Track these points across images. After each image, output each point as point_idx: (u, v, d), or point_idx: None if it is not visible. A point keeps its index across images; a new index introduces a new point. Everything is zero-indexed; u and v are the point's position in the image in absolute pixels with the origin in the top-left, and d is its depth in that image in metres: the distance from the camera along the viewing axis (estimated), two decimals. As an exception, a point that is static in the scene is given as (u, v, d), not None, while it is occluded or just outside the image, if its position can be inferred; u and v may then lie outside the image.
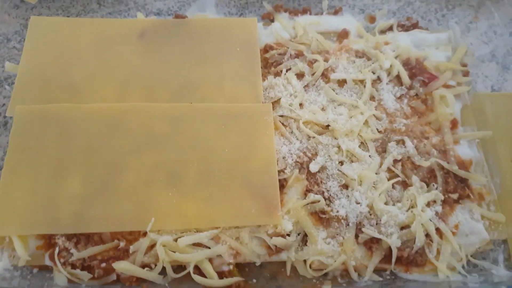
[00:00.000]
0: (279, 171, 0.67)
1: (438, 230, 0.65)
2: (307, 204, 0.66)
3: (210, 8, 0.88)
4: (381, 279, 0.64)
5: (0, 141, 0.74)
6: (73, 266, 0.61)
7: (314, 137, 0.71)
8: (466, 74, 0.82)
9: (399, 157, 0.70)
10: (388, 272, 0.65)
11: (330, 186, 0.67)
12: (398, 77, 0.79)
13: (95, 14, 0.90)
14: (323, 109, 0.74)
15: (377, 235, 0.63)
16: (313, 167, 0.68)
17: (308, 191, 0.67)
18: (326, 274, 0.65)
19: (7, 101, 0.77)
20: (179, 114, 0.70)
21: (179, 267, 0.63)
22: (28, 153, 0.66)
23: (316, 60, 0.78)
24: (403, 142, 0.72)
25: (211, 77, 0.75)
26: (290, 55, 0.79)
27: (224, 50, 0.77)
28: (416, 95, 0.77)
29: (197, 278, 0.60)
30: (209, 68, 0.75)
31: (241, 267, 0.65)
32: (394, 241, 0.63)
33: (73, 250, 0.61)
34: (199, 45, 0.78)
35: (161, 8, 0.90)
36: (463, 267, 0.65)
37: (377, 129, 0.73)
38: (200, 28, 0.79)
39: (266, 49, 0.80)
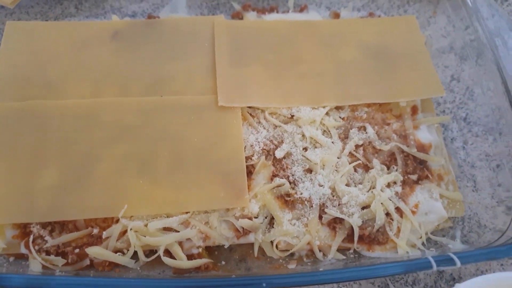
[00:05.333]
0: (246, 158, 0.71)
1: (398, 209, 0.69)
2: (273, 188, 0.69)
3: (182, 10, 0.92)
4: (344, 257, 0.67)
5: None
6: (48, 253, 0.63)
7: (280, 126, 0.75)
8: (425, 64, 0.87)
9: (361, 142, 0.74)
10: (351, 251, 0.68)
11: (294, 171, 0.70)
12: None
13: (73, 18, 0.94)
14: (288, 99, 0.78)
15: (339, 215, 0.67)
16: (279, 153, 0.71)
17: (274, 176, 0.70)
18: (292, 254, 0.68)
19: (-14, 101, 0.80)
20: (150, 107, 0.74)
21: (151, 252, 0.66)
22: (5, 147, 0.69)
23: (282, 55, 0.83)
24: (365, 129, 0.76)
25: (182, 71, 0.78)
26: (257, 50, 0.83)
27: (193, 46, 0.81)
28: (377, 84, 0.82)
29: (166, 260, 0.63)
30: (179, 63, 0.79)
31: (211, 251, 0.68)
32: (355, 220, 0.66)
33: (47, 238, 0.64)
34: (170, 42, 0.82)
35: (136, 11, 0.94)
36: (423, 244, 0.68)
37: (339, 117, 0.77)
38: (171, 27, 0.83)
39: (235, 45, 0.85)
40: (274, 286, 0.50)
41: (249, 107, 0.77)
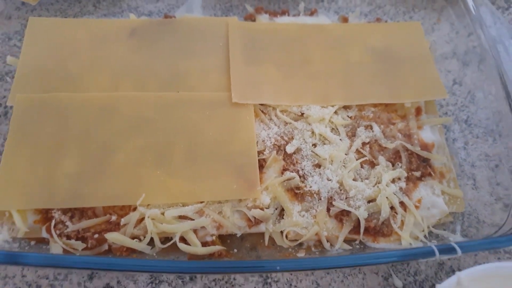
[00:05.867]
0: (258, 152, 0.74)
1: (402, 204, 0.72)
2: (284, 181, 0.72)
3: (197, 10, 0.96)
4: (350, 248, 0.70)
5: (1, 130, 0.80)
6: (68, 238, 0.66)
7: (290, 123, 0.78)
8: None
9: (367, 140, 0.78)
10: (357, 242, 0.72)
11: (304, 165, 0.74)
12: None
13: (91, 16, 0.97)
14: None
15: (346, 208, 0.70)
16: (289, 148, 0.75)
17: (284, 170, 0.74)
18: (301, 244, 0.71)
19: (8, 93, 0.83)
20: (166, 102, 0.77)
21: (166, 239, 0.69)
22: (28, 137, 0.72)
23: (293, 55, 0.86)
24: (371, 127, 0.79)
25: (197, 69, 0.82)
26: (269, 50, 0.87)
27: (208, 45, 0.85)
28: (384, 86, 0.85)
29: (182, 246, 0.66)
30: (195, 61, 0.83)
31: (224, 239, 0.71)
32: (361, 213, 0.70)
33: (68, 223, 0.67)
34: (186, 41, 0.85)
35: (152, 10, 0.98)
36: (425, 236, 0.72)
37: (347, 116, 0.81)
38: (187, 26, 0.87)
39: (248, 45, 0.88)
40: (286, 269, 0.54)
41: (261, 105, 0.81)
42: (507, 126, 0.79)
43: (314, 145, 0.77)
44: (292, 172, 0.73)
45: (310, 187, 0.71)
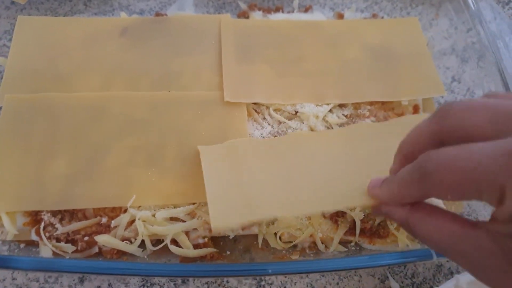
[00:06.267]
0: (251, 153, 0.72)
1: (399, 204, 0.71)
2: (277, 181, 0.70)
3: (189, 8, 0.94)
4: (346, 249, 0.69)
5: (-11, 130, 0.78)
6: (58, 240, 0.65)
7: (284, 122, 0.77)
8: (426, 65, 0.89)
9: (363, 139, 0.76)
10: (353, 244, 0.70)
11: (298, 165, 0.72)
12: (363, 67, 0.85)
13: (82, 14, 0.96)
14: (293, 97, 0.80)
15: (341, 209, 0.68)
16: (283, 148, 0.73)
17: (278, 170, 0.72)
18: (295, 246, 0.69)
19: (-3, 93, 0.81)
20: (158, 101, 0.76)
21: (157, 241, 0.67)
22: (17, 138, 0.71)
23: (287, 53, 0.85)
24: (367, 126, 0.78)
25: (189, 68, 0.80)
26: (263, 48, 0.85)
27: (201, 43, 0.83)
28: (380, 83, 0.84)
29: (173, 248, 0.65)
30: (187, 60, 0.81)
31: (217, 241, 0.70)
32: (357, 214, 0.68)
33: (58, 225, 0.65)
34: (178, 39, 0.84)
35: (144, 9, 0.96)
36: (423, 238, 0.70)
37: (343, 114, 0.79)
38: (178, 24, 0.86)
39: (241, 43, 0.87)
40: (279, 272, 0.52)
41: (254, 104, 0.79)
42: (506, 124, 0.77)
43: (309, 144, 0.75)
44: (286, 172, 0.71)
45: (305, 187, 0.70)
